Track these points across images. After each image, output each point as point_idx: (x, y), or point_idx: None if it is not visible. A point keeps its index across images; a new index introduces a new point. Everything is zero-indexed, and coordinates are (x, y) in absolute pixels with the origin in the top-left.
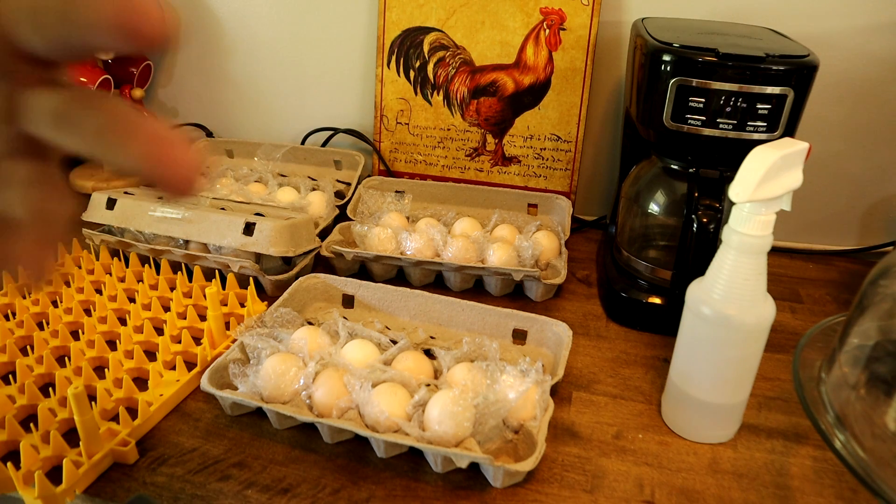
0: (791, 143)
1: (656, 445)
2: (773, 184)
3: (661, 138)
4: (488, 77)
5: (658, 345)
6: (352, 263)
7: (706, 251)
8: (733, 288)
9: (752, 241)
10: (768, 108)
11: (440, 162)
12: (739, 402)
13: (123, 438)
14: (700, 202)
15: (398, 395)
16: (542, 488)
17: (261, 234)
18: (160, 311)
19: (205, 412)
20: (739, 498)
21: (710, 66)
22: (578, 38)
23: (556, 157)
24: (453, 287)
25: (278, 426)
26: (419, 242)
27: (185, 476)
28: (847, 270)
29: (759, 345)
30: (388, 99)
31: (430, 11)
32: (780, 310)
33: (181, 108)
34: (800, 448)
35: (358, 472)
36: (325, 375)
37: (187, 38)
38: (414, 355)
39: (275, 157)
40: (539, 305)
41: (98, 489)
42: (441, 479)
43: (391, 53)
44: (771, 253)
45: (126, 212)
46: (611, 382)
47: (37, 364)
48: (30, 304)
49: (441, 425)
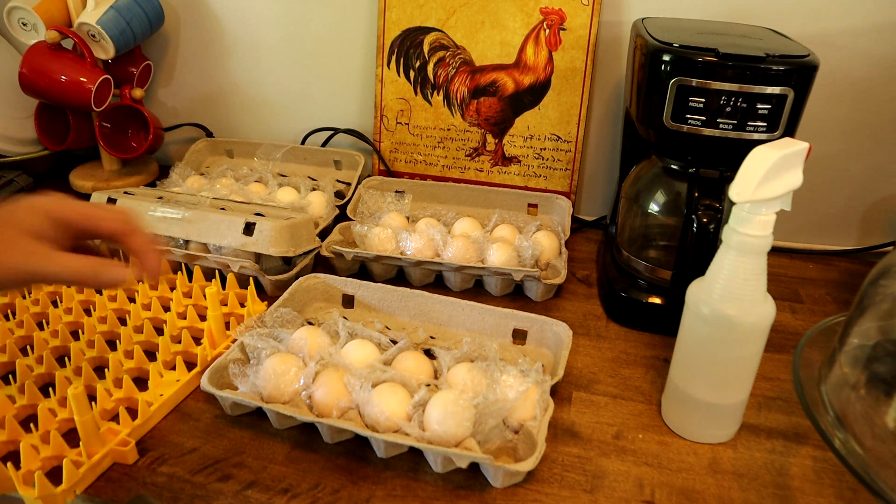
0: (791, 143)
1: (656, 445)
2: (773, 184)
3: (661, 138)
4: (488, 77)
5: (658, 345)
6: (352, 263)
7: (706, 251)
8: (733, 288)
9: (752, 241)
10: (768, 108)
11: (440, 162)
12: (739, 402)
13: (123, 438)
14: (700, 202)
15: (398, 395)
16: (542, 488)
17: (261, 234)
18: (160, 311)
19: (205, 412)
20: (739, 498)
21: (710, 66)
22: (578, 38)
23: (556, 157)
24: (453, 287)
25: (278, 426)
26: (419, 242)
27: (185, 476)
28: (847, 270)
29: (759, 345)
30: (388, 99)
31: (430, 11)
32: (780, 310)
33: (181, 108)
34: (800, 448)
35: (358, 472)
36: (325, 375)
37: (187, 38)
38: (414, 355)
39: (275, 157)
40: (539, 305)
41: (98, 489)
42: (441, 479)
43: (391, 53)
44: (771, 253)
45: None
46: (611, 382)
47: (37, 364)
48: (30, 304)
49: (441, 425)
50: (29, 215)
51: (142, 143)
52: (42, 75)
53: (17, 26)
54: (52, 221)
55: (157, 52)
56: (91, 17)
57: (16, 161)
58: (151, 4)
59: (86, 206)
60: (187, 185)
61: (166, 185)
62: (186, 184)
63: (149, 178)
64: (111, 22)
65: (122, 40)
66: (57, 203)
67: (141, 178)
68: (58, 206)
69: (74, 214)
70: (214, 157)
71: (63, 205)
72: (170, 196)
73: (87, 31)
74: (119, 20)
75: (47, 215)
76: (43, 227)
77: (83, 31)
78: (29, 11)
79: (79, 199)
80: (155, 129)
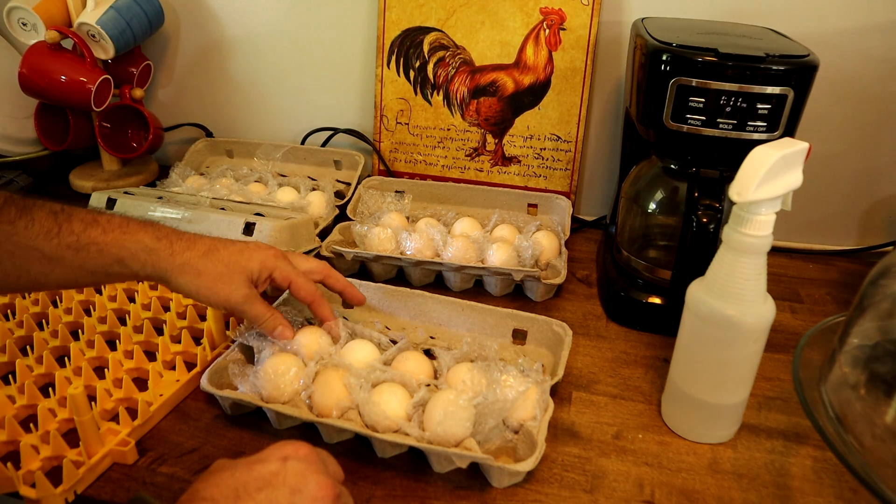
0: (791, 143)
1: (656, 445)
2: (773, 184)
3: (661, 138)
4: (488, 77)
5: (658, 345)
6: (352, 263)
7: (706, 251)
8: (733, 288)
9: (752, 241)
10: (768, 108)
11: (440, 162)
12: (739, 402)
13: (123, 438)
14: (700, 202)
15: (398, 395)
16: (542, 488)
17: (261, 234)
18: (160, 311)
19: (205, 412)
20: (739, 498)
21: (710, 65)
22: (578, 38)
23: (556, 157)
24: (453, 287)
25: (278, 426)
26: (419, 242)
27: (184, 476)
28: (847, 270)
29: (759, 345)
30: (388, 99)
31: (429, 11)
32: (780, 310)
33: (181, 108)
34: (800, 448)
35: (358, 472)
36: (324, 375)
37: (187, 38)
38: (414, 355)
39: (275, 157)
40: (539, 305)
41: (98, 489)
42: (441, 479)
43: (391, 53)
44: (771, 253)
45: (126, 212)
46: (611, 382)
47: (37, 364)
48: (30, 303)
49: (441, 425)
50: (259, 267)
51: (142, 143)
52: (42, 75)
53: (17, 26)
54: (269, 276)
55: (157, 52)
56: (91, 17)
57: (16, 161)
58: (151, 4)
59: (295, 275)
60: (187, 185)
61: (166, 185)
62: (186, 184)
63: (149, 178)
64: (111, 22)
65: (122, 40)
66: (280, 268)
67: (141, 178)
68: (280, 272)
69: (285, 282)
70: (214, 157)
71: (283, 271)
72: (170, 196)
73: (87, 31)
74: (119, 20)
75: (270, 272)
76: (261, 277)
77: (83, 31)
78: (29, 11)
79: (296, 261)
80: (155, 129)
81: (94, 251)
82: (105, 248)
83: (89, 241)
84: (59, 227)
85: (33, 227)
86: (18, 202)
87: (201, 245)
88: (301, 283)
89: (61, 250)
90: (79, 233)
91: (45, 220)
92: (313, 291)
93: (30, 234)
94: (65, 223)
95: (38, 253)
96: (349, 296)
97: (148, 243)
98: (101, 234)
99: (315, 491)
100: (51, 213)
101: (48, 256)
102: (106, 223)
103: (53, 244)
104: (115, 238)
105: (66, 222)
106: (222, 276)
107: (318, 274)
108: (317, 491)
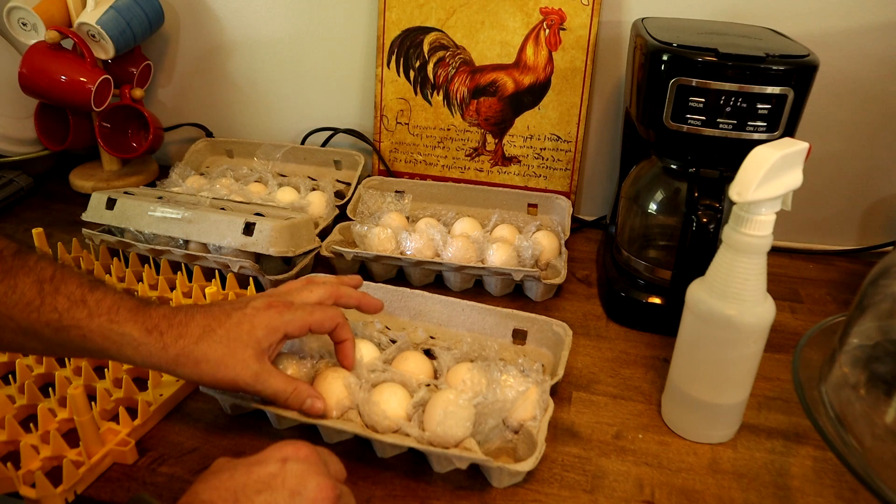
0: (791, 143)
1: (656, 445)
2: (773, 184)
3: (661, 138)
4: (488, 77)
5: (658, 345)
6: (352, 263)
7: (706, 251)
8: (733, 288)
9: (752, 242)
10: (768, 108)
11: (440, 162)
12: (739, 402)
13: (123, 438)
14: (700, 202)
15: (398, 395)
16: (542, 488)
17: (261, 234)
18: None
19: (205, 412)
20: (739, 498)
21: (710, 65)
22: (578, 38)
23: (556, 157)
24: (453, 287)
25: (278, 426)
26: (419, 242)
27: (185, 476)
28: (847, 270)
29: (759, 345)
30: (388, 99)
31: (430, 11)
32: (780, 310)
33: (181, 108)
34: (800, 448)
35: (358, 472)
36: (324, 375)
37: (187, 38)
38: (414, 355)
39: (275, 157)
40: (539, 305)
41: (98, 489)
42: (441, 479)
43: (391, 53)
44: (771, 253)
45: (126, 212)
46: (611, 382)
47: (37, 364)
48: None
49: (441, 425)
50: (265, 333)
51: (142, 143)
52: (42, 75)
53: (17, 26)
54: (282, 337)
55: (157, 52)
56: (91, 17)
57: (16, 161)
58: (151, 4)
59: (311, 319)
60: (187, 185)
61: (166, 185)
62: (186, 184)
63: (149, 178)
64: (111, 22)
65: (122, 40)
66: (291, 322)
67: (141, 178)
68: (293, 327)
69: (303, 332)
70: (214, 157)
71: (295, 324)
72: (170, 196)
73: (87, 31)
74: (119, 20)
75: (281, 334)
76: (272, 343)
77: (83, 31)
78: (29, 11)
79: (303, 296)
80: (155, 129)
81: (75, 335)
82: (89, 335)
83: (72, 323)
84: (41, 300)
85: (13, 294)
86: (8, 261)
87: (195, 328)
88: (318, 321)
89: (39, 327)
90: (62, 311)
91: (28, 289)
92: (334, 318)
93: (7, 302)
94: (48, 297)
95: (13, 324)
96: (366, 307)
97: (136, 336)
98: (87, 317)
99: (315, 493)
100: (37, 281)
101: (24, 330)
102: (95, 305)
103: (31, 318)
104: (101, 326)
105: (51, 295)
106: (224, 360)
107: (329, 299)
108: (317, 493)
